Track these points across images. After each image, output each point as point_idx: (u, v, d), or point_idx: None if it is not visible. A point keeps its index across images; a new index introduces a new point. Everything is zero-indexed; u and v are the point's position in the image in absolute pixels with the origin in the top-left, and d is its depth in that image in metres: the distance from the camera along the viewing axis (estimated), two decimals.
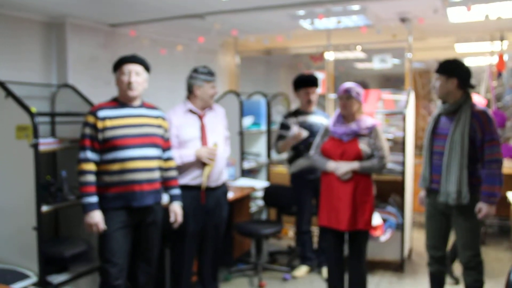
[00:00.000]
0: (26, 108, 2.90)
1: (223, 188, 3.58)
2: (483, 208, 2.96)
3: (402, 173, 4.29)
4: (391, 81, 6.63)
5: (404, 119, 4.26)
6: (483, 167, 2.99)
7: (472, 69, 3.10)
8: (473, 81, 3.11)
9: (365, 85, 4.94)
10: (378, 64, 5.57)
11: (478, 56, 6.16)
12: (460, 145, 2.97)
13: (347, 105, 3.35)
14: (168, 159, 3.15)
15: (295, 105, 4.71)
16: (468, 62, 6.24)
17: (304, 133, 4.16)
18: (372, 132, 3.36)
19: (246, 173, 5.26)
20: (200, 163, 3.34)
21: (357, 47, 5.74)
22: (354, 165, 3.29)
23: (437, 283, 3.35)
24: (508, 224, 4.98)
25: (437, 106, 3.25)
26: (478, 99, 4.67)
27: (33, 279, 2.90)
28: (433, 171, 3.16)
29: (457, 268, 4.49)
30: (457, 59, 3.13)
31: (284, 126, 4.32)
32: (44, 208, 3.03)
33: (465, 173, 2.98)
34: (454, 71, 3.06)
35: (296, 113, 4.35)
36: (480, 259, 3.12)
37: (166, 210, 3.18)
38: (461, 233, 3.12)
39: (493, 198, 2.94)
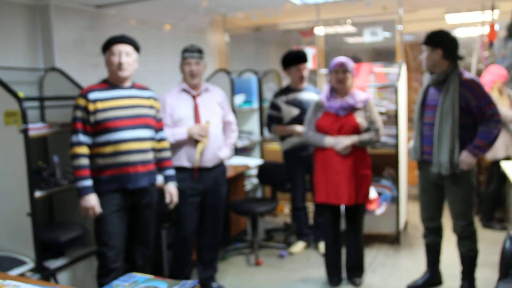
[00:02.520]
0: (13, 94, 2.84)
1: (221, 167, 3.55)
2: (463, 154, 2.99)
3: (396, 146, 4.30)
4: (382, 55, 6.61)
5: (396, 92, 4.25)
6: (482, 125, 2.99)
7: (463, 39, 3.09)
8: (461, 52, 3.10)
9: (356, 59, 4.91)
10: (368, 38, 5.52)
11: (469, 27, 6.09)
12: (451, 115, 2.97)
13: (344, 79, 3.32)
14: (161, 139, 3.11)
15: (286, 81, 4.66)
16: (459, 32, 6.21)
17: (295, 111, 4.13)
18: (366, 105, 3.35)
19: (239, 151, 5.25)
20: (194, 142, 3.33)
21: (347, 21, 5.67)
22: (354, 138, 3.28)
23: (433, 253, 3.39)
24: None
25: (426, 78, 3.25)
26: (498, 70, 4.65)
27: (30, 265, 2.89)
28: (424, 143, 3.18)
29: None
30: (443, 30, 3.12)
31: (274, 106, 4.29)
32: (37, 194, 3.00)
33: (457, 143, 3.00)
34: (439, 42, 3.07)
35: (287, 90, 4.31)
36: (474, 228, 3.16)
37: (161, 191, 3.16)
38: (454, 203, 3.14)
39: (477, 151, 2.98)
